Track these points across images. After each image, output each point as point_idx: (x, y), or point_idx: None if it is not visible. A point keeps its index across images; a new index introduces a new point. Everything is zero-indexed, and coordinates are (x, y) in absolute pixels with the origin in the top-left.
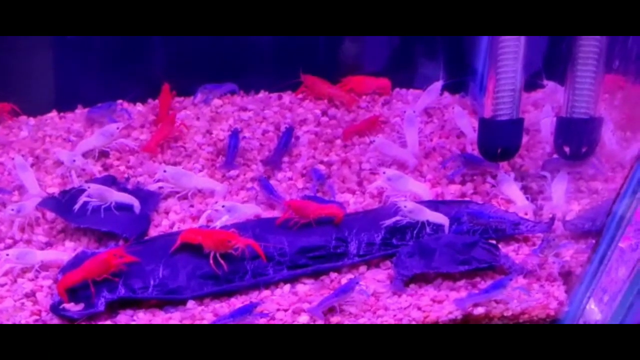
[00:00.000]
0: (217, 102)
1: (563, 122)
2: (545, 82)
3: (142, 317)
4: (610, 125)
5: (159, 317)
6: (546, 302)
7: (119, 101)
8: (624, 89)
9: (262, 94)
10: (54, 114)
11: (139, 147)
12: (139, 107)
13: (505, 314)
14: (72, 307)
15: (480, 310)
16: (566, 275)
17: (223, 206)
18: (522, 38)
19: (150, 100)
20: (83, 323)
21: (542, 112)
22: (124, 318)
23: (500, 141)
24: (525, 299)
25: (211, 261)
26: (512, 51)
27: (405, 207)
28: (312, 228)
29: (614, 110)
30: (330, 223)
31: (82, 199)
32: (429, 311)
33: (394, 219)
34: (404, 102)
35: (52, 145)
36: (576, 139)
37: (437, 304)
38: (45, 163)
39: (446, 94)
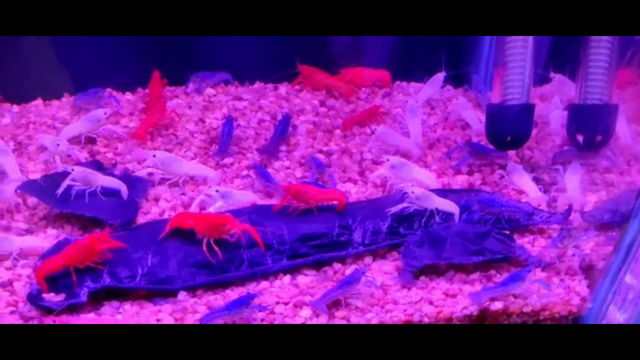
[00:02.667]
0: (210, 91)
1: (576, 109)
2: (552, 74)
3: (129, 310)
4: (624, 117)
5: (147, 310)
6: (567, 298)
7: (108, 89)
8: (635, 84)
9: (257, 85)
10: (39, 101)
11: (128, 134)
12: (128, 96)
13: (524, 310)
14: (52, 298)
15: (497, 306)
16: (587, 269)
17: (217, 191)
18: None
19: (139, 89)
20: (60, 323)
21: (550, 105)
22: (108, 310)
23: (510, 128)
24: (545, 293)
25: (204, 248)
26: None
27: (412, 192)
28: (313, 215)
29: (625, 105)
30: (332, 210)
31: (66, 182)
32: (441, 306)
33: (400, 206)
34: (405, 94)
35: (36, 132)
36: (590, 127)
37: (450, 298)
38: (28, 149)
39: (449, 87)
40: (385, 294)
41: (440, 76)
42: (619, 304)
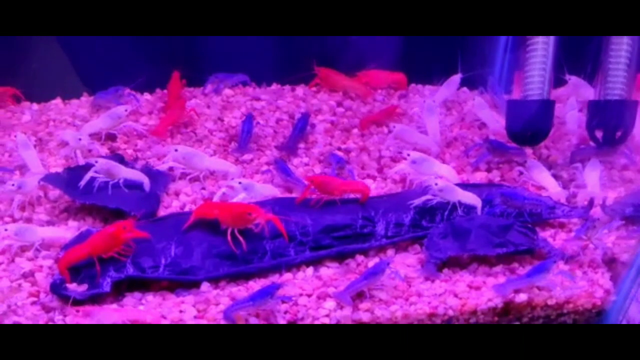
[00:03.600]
0: (228, 92)
1: (597, 105)
2: (568, 76)
3: (152, 301)
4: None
5: (170, 301)
6: (591, 291)
7: (127, 89)
8: None
9: (274, 86)
10: (58, 100)
11: (148, 131)
12: (147, 96)
13: (548, 303)
14: (75, 288)
15: (522, 298)
16: (610, 262)
17: (240, 183)
18: None
19: (158, 90)
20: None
21: (567, 105)
22: (131, 301)
23: (530, 123)
24: (569, 286)
25: (229, 237)
26: None
27: (436, 185)
28: (336, 206)
29: None
30: (354, 202)
31: (89, 174)
32: (466, 298)
33: (423, 198)
34: (421, 96)
35: (56, 129)
36: (611, 122)
37: (474, 291)
38: (49, 145)
39: (464, 89)
40: (409, 286)
41: (456, 78)
42: None
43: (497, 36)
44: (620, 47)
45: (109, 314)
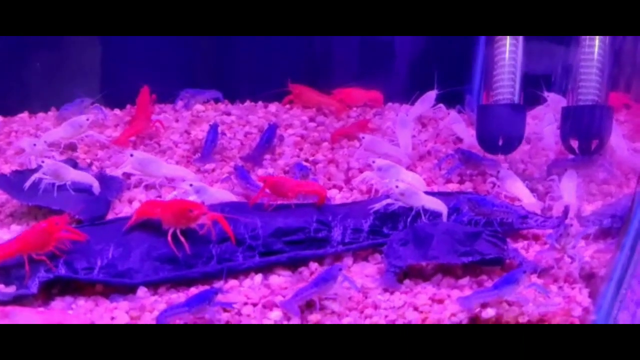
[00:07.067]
0: (199, 107)
1: (570, 111)
2: (546, 93)
3: (83, 305)
4: (619, 131)
5: (102, 307)
6: (568, 308)
7: (95, 104)
8: (629, 106)
9: (247, 103)
10: (25, 114)
11: (110, 141)
12: (117, 111)
13: (520, 320)
14: (2, 289)
15: (489, 313)
16: (588, 278)
17: (191, 185)
18: None
19: (128, 106)
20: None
21: (544, 120)
22: (60, 305)
23: (501, 127)
24: (543, 302)
25: (169, 238)
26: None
27: (396, 187)
28: (290, 209)
29: (620, 126)
30: (311, 206)
31: (36, 175)
32: (427, 312)
33: (384, 202)
34: (397, 113)
35: (17, 139)
36: (585, 128)
37: (437, 304)
38: (6, 153)
39: (441, 106)
40: (365, 297)
41: (432, 94)
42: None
43: (475, 54)
44: (592, 49)
45: (29, 316)
